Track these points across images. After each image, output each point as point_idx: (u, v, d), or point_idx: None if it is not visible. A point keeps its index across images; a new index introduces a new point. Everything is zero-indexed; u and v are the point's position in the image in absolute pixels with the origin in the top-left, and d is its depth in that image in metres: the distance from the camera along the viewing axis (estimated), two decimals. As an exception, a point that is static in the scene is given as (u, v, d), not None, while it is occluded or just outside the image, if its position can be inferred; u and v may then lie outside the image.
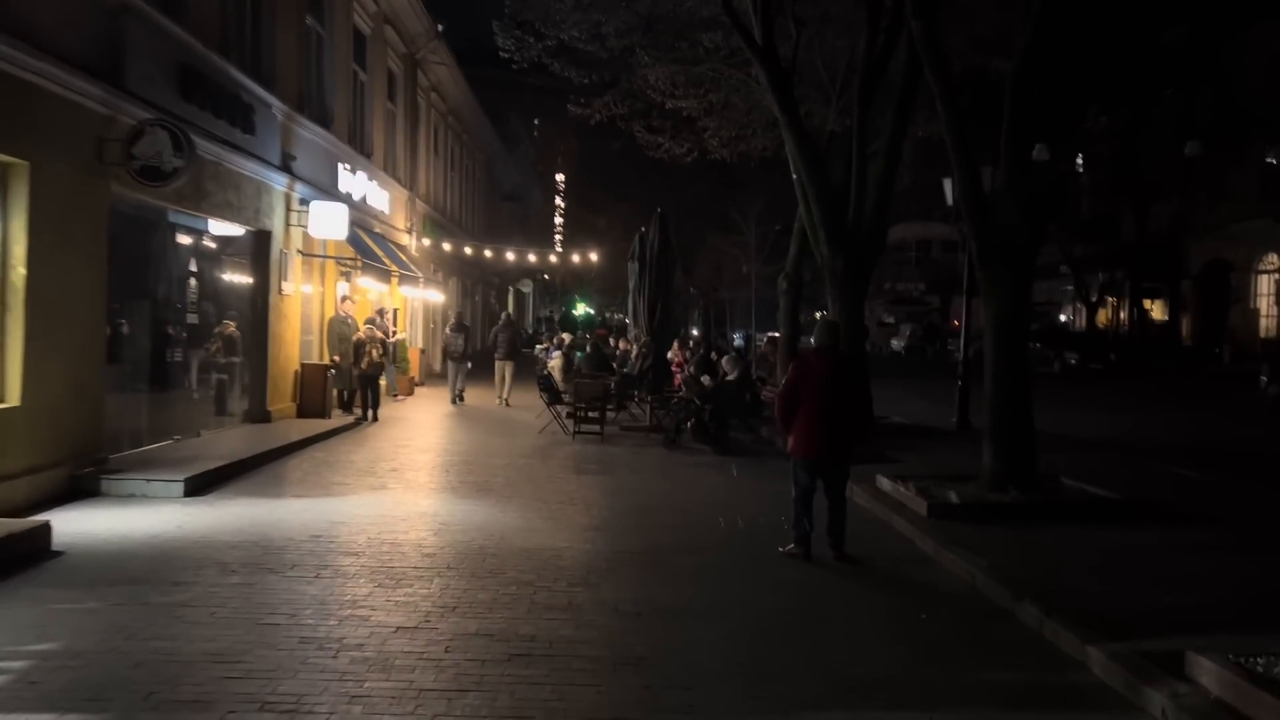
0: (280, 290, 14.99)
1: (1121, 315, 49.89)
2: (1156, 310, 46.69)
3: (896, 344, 54.87)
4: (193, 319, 13.02)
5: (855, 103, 14.95)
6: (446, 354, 21.28)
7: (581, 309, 73.43)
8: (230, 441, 12.31)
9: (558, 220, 72.49)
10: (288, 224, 15.30)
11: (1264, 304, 36.56)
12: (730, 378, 14.71)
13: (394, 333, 16.33)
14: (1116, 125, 32.26)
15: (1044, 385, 24.74)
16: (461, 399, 20.49)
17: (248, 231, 14.26)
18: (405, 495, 9.93)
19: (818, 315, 20.35)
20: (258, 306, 14.58)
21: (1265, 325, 36.13)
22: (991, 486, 9.51)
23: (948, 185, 15.49)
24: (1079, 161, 48.49)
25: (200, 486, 9.68)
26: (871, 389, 8.27)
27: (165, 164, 10.00)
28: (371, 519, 8.71)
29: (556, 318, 57.37)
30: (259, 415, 14.49)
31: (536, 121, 70.32)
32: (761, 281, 33.45)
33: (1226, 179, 34.69)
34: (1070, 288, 54.19)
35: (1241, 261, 37.20)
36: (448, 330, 21.80)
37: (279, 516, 8.67)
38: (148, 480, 9.52)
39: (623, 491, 10.61)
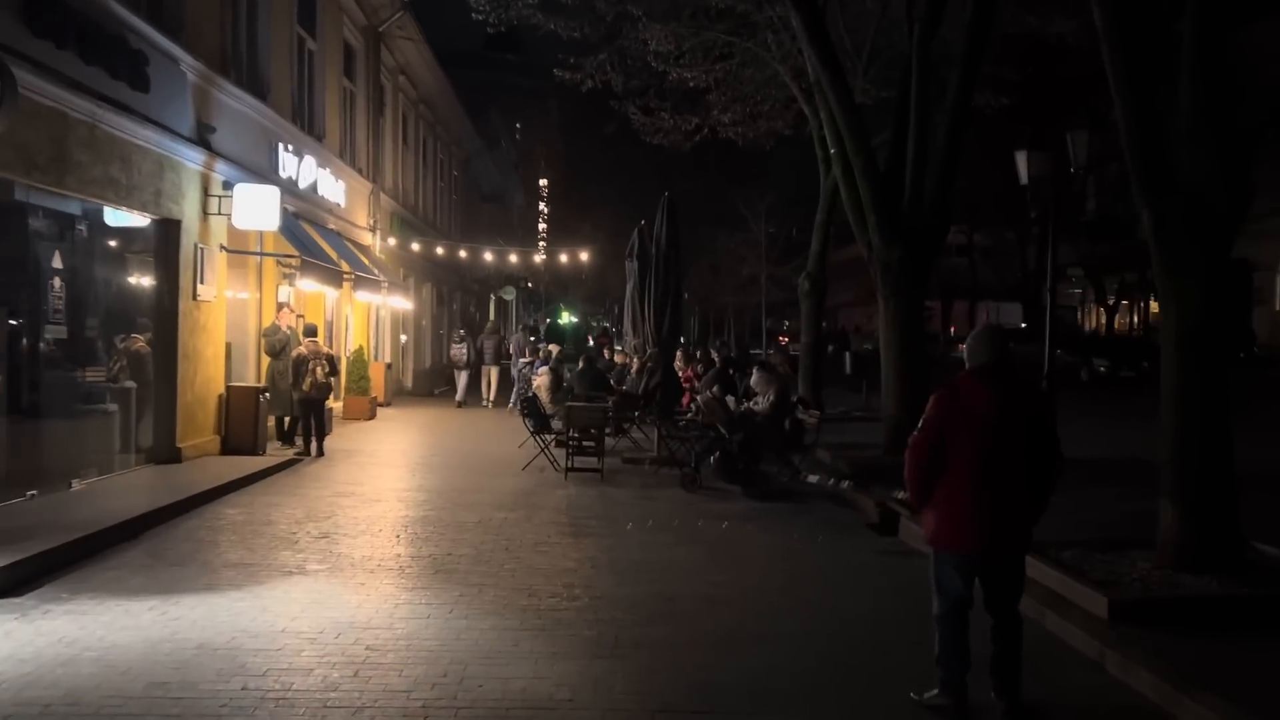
0: (196, 295, 11.92)
1: (1135, 319, 47.42)
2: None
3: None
4: (57, 332, 9.88)
5: (913, 45, 11.99)
6: (454, 364, 23.00)
7: (566, 317, 70.39)
8: (109, 496, 9.23)
9: (541, 226, 69.47)
10: (205, 212, 12.23)
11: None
12: (761, 399, 11.69)
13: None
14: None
15: (1076, 397, 21.88)
16: (462, 403, 21.78)
17: (150, 220, 11.21)
18: (327, 586, 6.85)
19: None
20: (164, 316, 11.50)
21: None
22: (1180, 562, 6.54)
23: (1021, 160, 12.58)
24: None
25: (20, 581, 6.59)
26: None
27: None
28: (258, 643, 5.62)
29: (538, 324, 54.22)
30: (166, 454, 11.40)
31: (518, 125, 67.41)
32: (773, 284, 30.40)
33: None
34: (1079, 290, 51.70)
35: (1266, 261, 34.75)
36: (452, 343, 23.70)
37: (115, 642, 5.58)
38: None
39: (642, 569, 7.57)
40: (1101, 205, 44.52)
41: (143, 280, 11.72)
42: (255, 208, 12.35)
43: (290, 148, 15.26)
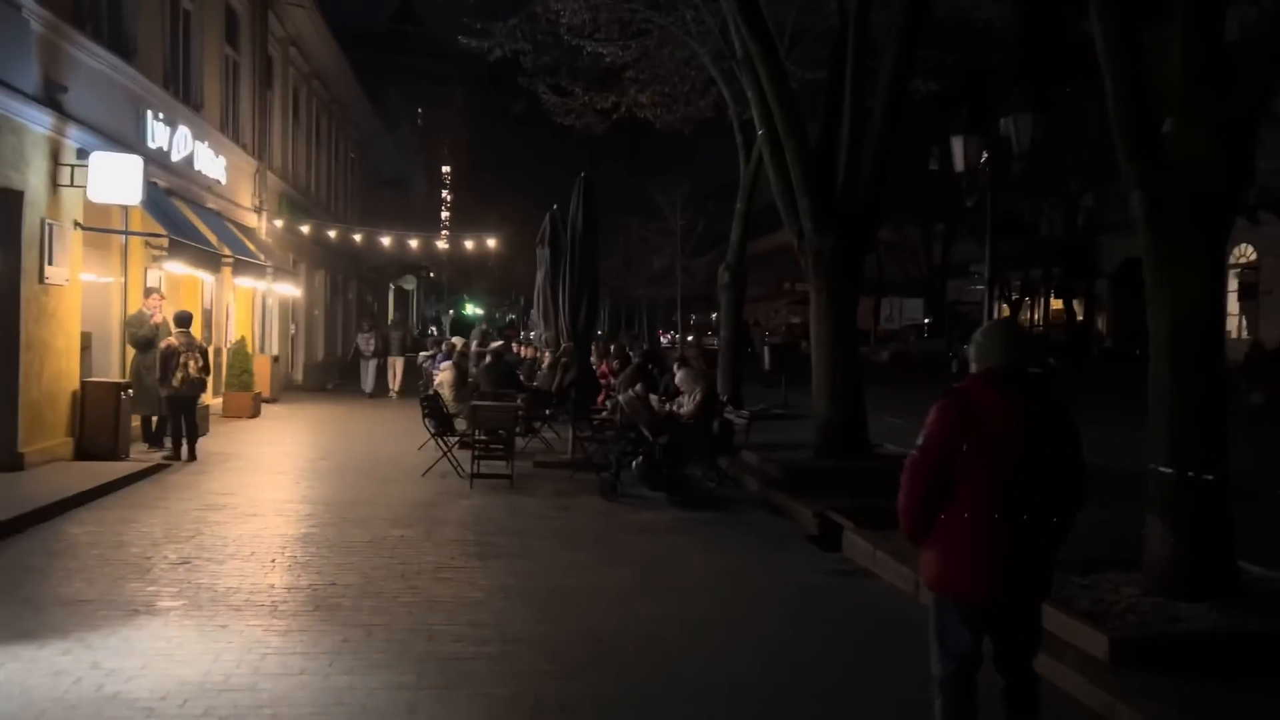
0: (44, 278, 10.37)
1: (1036, 315, 48.29)
2: (1075, 310, 45.11)
3: (807, 346, 52.03)
4: None
5: (850, 17, 11.17)
6: (358, 354, 22.76)
7: (469, 309, 68.45)
8: (-79, 514, 7.73)
9: (444, 214, 67.39)
10: (55, 183, 10.67)
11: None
12: (687, 399, 10.75)
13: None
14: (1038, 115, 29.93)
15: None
16: (372, 394, 21.70)
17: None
18: (178, 631, 5.60)
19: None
20: (2, 301, 9.93)
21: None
22: (1172, 588, 5.80)
23: (957, 145, 11.96)
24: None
25: None
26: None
27: None
28: (75, 718, 4.40)
29: (439, 316, 52.34)
30: (4, 460, 9.85)
31: (420, 110, 65.19)
32: (686, 276, 29.47)
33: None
34: (980, 287, 52.56)
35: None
36: (359, 334, 23.76)
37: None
38: None
39: (562, 600, 6.51)
40: (1004, 202, 45.15)
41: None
42: (114, 180, 10.83)
43: (161, 116, 13.67)
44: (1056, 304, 47.33)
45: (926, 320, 55.50)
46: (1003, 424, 3.69)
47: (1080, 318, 44.23)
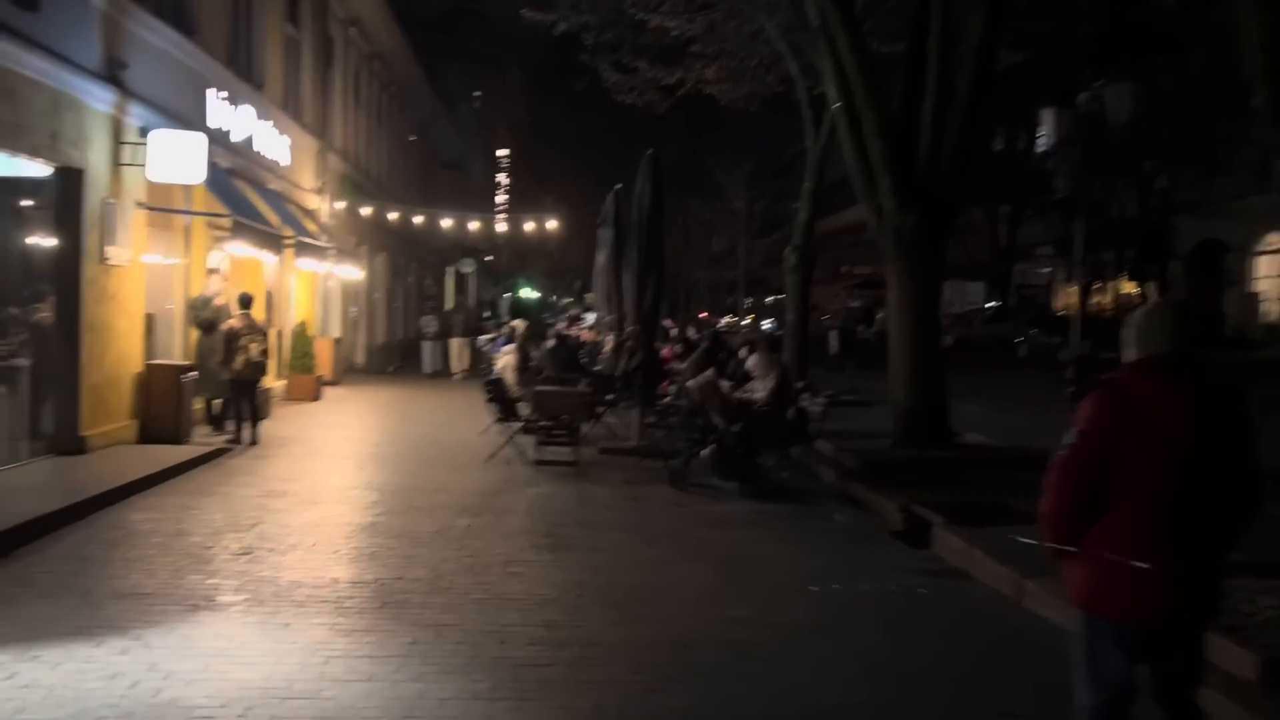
0: (104, 258, 10.21)
1: (1106, 299, 46.73)
2: (1149, 293, 43.58)
3: (866, 331, 50.97)
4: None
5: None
6: (420, 335, 24.25)
7: (526, 293, 68.38)
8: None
9: (500, 198, 67.35)
10: (117, 162, 10.49)
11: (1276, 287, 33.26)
12: (760, 385, 10.27)
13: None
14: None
15: (1056, 377, 20.72)
16: (435, 374, 22.49)
17: (54, 168, 9.49)
18: (240, 629, 5.31)
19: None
20: (64, 282, 9.79)
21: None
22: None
23: (1048, 118, 11.28)
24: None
25: None
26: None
27: None
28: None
29: (496, 300, 52.20)
30: (68, 444, 9.72)
31: (478, 94, 65.11)
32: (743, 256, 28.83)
33: (1224, 152, 31.23)
34: (1049, 270, 50.88)
35: (1238, 242, 34.03)
36: (422, 315, 25.74)
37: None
38: None
39: (640, 599, 6.11)
40: (1074, 183, 43.63)
41: (41, 240, 10.00)
42: (176, 158, 10.62)
43: (223, 95, 13.49)
44: (1129, 287, 45.79)
45: (989, 304, 54.09)
46: (1170, 419, 3.18)
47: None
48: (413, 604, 5.81)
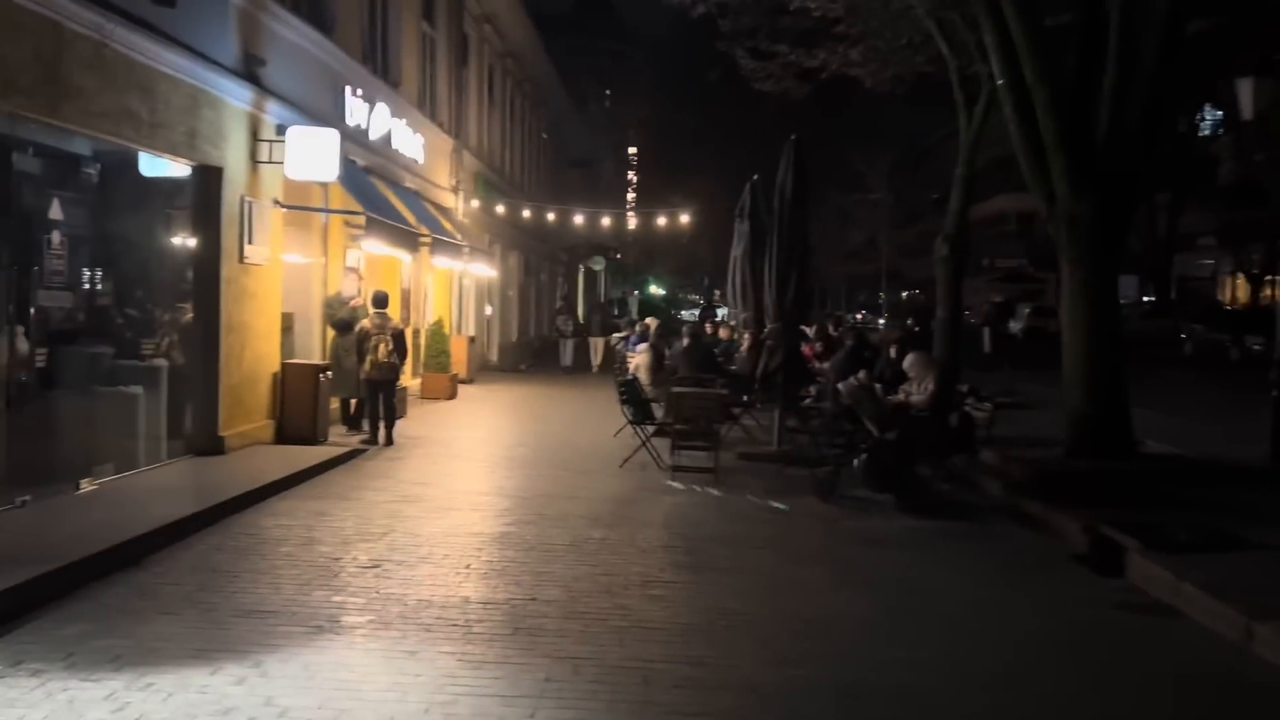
0: (243, 257, 10.17)
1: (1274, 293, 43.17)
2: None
3: (1014, 326, 48.58)
4: (57, 298, 8.13)
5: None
6: (558, 333, 25.22)
7: (653, 290, 68.09)
8: (118, 503, 7.48)
9: (629, 195, 67.31)
10: (254, 159, 10.44)
11: None
12: (916, 387, 9.43)
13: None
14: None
15: (1237, 379, 18.87)
16: (571, 369, 23.39)
17: (185, 168, 9.47)
18: (363, 657, 4.89)
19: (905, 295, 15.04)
20: (203, 281, 9.77)
21: None
22: None
23: (1245, 88, 10.03)
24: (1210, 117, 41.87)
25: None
26: None
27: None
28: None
29: (625, 297, 52.00)
30: (206, 444, 9.69)
31: (608, 92, 65.23)
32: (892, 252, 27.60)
33: None
34: (1211, 262, 47.36)
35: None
36: (558, 315, 26.35)
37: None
38: None
39: (798, 633, 5.44)
40: (1238, 169, 40.35)
41: (180, 240, 10.01)
42: (311, 155, 10.51)
43: (360, 92, 13.43)
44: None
45: (1145, 298, 50.74)
46: None
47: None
48: (547, 630, 5.31)
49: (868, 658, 5.07)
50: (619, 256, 52.67)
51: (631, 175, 70.42)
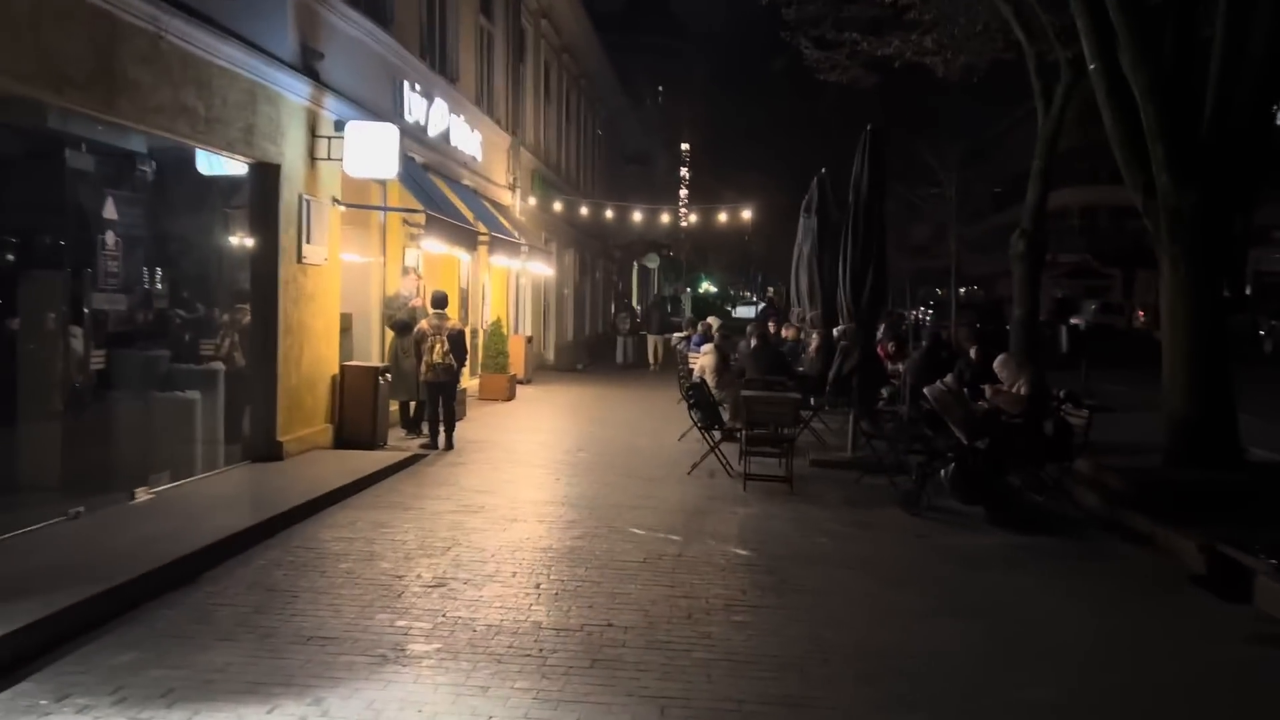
0: (301, 257, 9.89)
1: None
2: None
3: (1076, 321, 47.25)
4: (115, 300, 7.89)
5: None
6: (616, 331, 25.54)
7: (705, 288, 67.41)
8: (174, 513, 7.20)
9: (682, 192, 66.76)
10: (313, 156, 10.15)
11: None
12: (1008, 391, 8.83)
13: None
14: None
15: None
16: (628, 365, 23.82)
17: (242, 165, 9.21)
18: (430, 693, 4.49)
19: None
20: (261, 281, 9.49)
21: None
22: None
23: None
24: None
25: (-4, 669, 4.51)
26: None
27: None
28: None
29: (677, 294, 51.42)
30: (264, 450, 9.42)
31: (661, 88, 64.74)
32: (963, 247, 26.72)
33: None
34: (1288, 255, 45.59)
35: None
36: (616, 313, 27.32)
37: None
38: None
39: (903, 668, 4.96)
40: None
41: (237, 239, 9.76)
42: (370, 152, 10.18)
43: (418, 87, 13.14)
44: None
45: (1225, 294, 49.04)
46: None
47: None
48: (627, 663, 4.88)
49: (983, 699, 4.57)
50: (671, 254, 52.20)
51: (684, 171, 69.87)
